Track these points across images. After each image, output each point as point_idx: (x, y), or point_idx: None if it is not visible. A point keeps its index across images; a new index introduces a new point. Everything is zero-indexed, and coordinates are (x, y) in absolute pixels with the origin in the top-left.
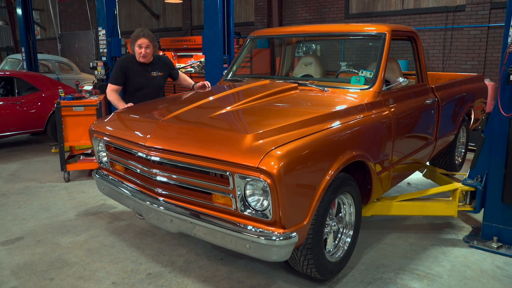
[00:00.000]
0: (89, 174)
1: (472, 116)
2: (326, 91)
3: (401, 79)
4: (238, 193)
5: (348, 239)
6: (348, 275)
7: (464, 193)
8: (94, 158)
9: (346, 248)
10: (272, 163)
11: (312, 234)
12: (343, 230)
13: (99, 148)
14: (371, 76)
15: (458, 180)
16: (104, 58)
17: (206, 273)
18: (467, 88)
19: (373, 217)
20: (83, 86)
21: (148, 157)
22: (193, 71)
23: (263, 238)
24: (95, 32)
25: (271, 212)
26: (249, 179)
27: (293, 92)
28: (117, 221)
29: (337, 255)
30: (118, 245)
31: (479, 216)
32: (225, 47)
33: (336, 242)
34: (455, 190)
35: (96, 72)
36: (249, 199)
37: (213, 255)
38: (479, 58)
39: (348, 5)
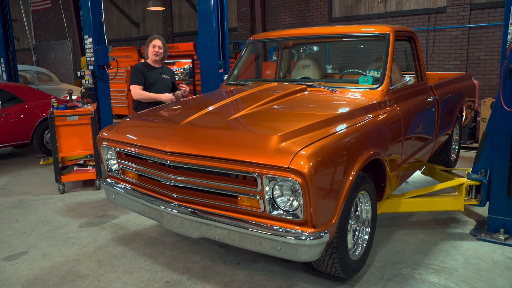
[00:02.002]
0: (83, 185)
1: (464, 114)
2: (335, 91)
3: (407, 78)
4: (267, 194)
5: (366, 237)
6: (367, 273)
7: (468, 187)
8: (88, 168)
9: (364, 245)
10: (302, 162)
11: (338, 232)
12: (360, 227)
13: (108, 156)
14: (378, 76)
15: (458, 176)
16: (91, 67)
17: (225, 278)
18: (459, 87)
19: (380, 215)
20: (66, 96)
21: (168, 162)
22: (176, 78)
23: (295, 238)
24: (71, 41)
25: (302, 211)
26: (278, 180)
27: (303, 93)
28: (123, 231)
29: (356, 253)
30: (129, 254)
31: (480, 210)
32: (220, 52)
33: (355, 240)
34: (461, 185)
35: (83, 81)
36: (278, 200)
37: (229, 259)
38: (461, 57)
39: (331, 9)
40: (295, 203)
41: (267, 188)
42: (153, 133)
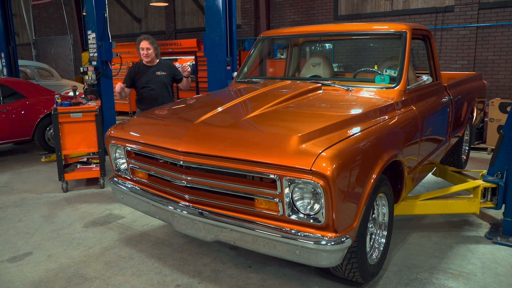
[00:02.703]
0: (87, 183)
1: (475, 114)
2: (351, 90)
3: (424, 77)
4: (286, 197)
5: (383, 240)
6: (383, 278)
7: (482, 190)
8: (92, 166)
9: (381, 249)
10: (324, 164)
11: (358, 236)
12: (377, 231)
13: (117, 155)
14: (395, 75)
15: (470, 177)
16: (94, 63)
17: (237, 282)
18: (471, 87)
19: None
20: (68, 93)
21: (182, 163)
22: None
23: (316, 243)
24: (72, 37)
25: (323, 215)
26: (299, 182)
27: (319, 92)
28: (129, 231)
29: (373, 257)
30: (137, 256)
31: (493, 213)
32: (227, 49)
33: (372, 243)
34: (477, 187)
35: (86, 77)
36: (298, 203)
37: (240, 262)
38: (468, 57)
39: (337, 6)
40: (316, 206)
41: (286, 191)
42: (165, 132)
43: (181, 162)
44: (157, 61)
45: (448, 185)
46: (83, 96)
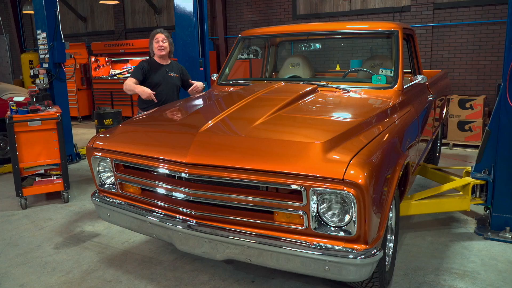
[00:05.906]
0: (47, 197)
1: (444, 111)
2: (348, 91)
3: (419, 77)
4: (312, 209)
5: (391, 245)
6: (392, 283)
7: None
8: (53, 179)
9: (391, 254)
10: (356, 173)
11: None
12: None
13: (101, 168)
14: (391, 75)
15: (452, 175)
16: (45, 65)
17: None
18: (444, 84)
19: None
20: (11, 98)
21: (188, 176)
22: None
23: (348, 257)
24: (8, 37)
25: (355, 226)
26: (326, 193)
27: (316, 94)
28: (109, 250)
29: (386, 263)
30: (125, 279)
31: (475, 208)
32: (199, 50)
33: None
34: (466, 184)
35: (37, 81)
36: (325, 215)
37: (241, 277)
38: (425, 56)
39: (295, 6)
40: (346, 217)
41: (313, 202)
42: (163, 141)
43: (188, 175)
44: (169, 61)
45: (428, 183)
46: (30, 102)
